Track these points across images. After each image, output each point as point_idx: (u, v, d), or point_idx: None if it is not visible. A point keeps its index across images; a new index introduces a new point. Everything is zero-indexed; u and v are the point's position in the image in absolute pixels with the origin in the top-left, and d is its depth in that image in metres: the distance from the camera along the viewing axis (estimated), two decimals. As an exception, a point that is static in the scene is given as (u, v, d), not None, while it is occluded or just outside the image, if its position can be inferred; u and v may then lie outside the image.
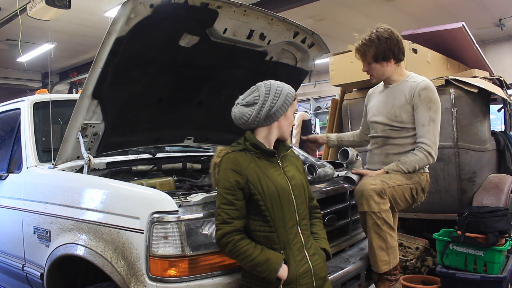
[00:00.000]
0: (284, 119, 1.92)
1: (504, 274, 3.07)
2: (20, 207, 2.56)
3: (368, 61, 2.51)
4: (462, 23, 4.24)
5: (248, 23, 2.48)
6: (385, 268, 2.31)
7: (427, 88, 2.44)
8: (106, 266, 1.92)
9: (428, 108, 2.42)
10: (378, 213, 2.27)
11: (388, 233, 2.29)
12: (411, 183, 2.44)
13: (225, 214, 1.73)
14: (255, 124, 1.88)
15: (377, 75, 2.54)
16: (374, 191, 2.27)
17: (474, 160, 3.70)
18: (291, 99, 1.91)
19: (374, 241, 2.31)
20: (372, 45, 2.45)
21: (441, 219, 3.78)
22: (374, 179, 2.36)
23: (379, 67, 2.51)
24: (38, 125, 2.79)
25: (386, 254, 2.30)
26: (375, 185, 2.29)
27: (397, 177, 2.43)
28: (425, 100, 2.42)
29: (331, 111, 4.85)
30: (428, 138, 2.42)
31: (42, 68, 12.30)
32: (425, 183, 2.53)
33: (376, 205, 2.27)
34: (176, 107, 2.82)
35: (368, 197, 2.28)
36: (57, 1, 5.42)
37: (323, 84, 12.60)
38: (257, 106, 1.86)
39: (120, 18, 2.05)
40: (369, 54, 2.47)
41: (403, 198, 2.42)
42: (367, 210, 2.29)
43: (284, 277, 1.74)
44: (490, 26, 9.42)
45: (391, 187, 2.35)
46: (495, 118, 5.30)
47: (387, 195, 2.31)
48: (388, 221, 2.30)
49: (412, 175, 2.47)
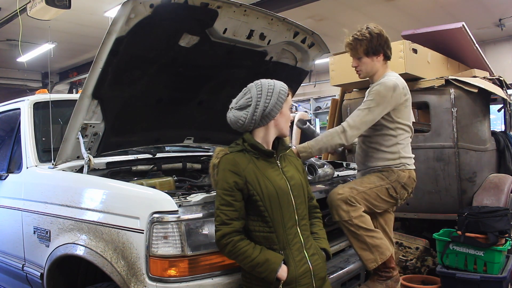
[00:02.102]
0: (281, 116, 1.91)
1: (504, 274, 3.07)
2: (20, 207, 2.56)
3: (358, 55, 2.51)
4: (462, 23, 4.24)
5: (248, 23, 2.48)
6: (373, 265, 2.32)
7: (381, 83, 2.44)
8: (106, 266, 1.93)
9: (372, 99, 2.42)
10: (349, 221, 2.29)
11: (366, 236, 2.31)
12: (386, 183, 2.43)
13: (224, 215, 1.73)
14: (251, 126, 1.88)
15: (365, 70, 2.54)
16: (341, 200, 2.29)
17: (474, 160, 3.70)
18: (285, 96, 1.90)
19: (354, 244, 2.34)
20: (364, 39, 2.46)
21: (441, 219, 3.78)
22: (342, 187, 2.37)
23: (369, 62, 2.52)
24: (38, 125, 2.79)
25: (370, 253, 2.32)
26: (342, 194, 2.31)
27: (369, 180, 2.43)
28: (374, 92, 2.43)
29: (331, 111, 4.85)
30: (352, 119, 2.40)
31: (42, 68, 12.29)
32: (407, 180, 2.48)
33: (346, 214, 2.29)
34: (176, 107, 2.82)
35: (336, 206, 2.30)
36: (57, 1, 5.42)
37: (323, 84, 12.59)
38: (251, 108, 1.85)
39: (120, 18, 2.05)
40: (360, 48, 2.48)
41: (379, 199, 2.42)
42: (338, 219, 2.31)
43: (283, 278, 1.74)
44: (490, 26, 9.41)
45: (361, 192, 2.36)
46: (495, 118, 5.31)
47: (358, 201, 2.32)
48: (363, 225, 2.31)
49: (388, 174, 2.45)
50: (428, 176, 3.73)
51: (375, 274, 2.37)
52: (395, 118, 2.46)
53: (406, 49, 3.69)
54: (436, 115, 3.71)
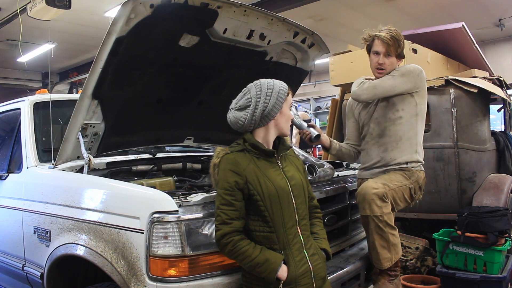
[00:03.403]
0: (281, 116, 1.90)
1: (504, 274, 3.07)
2: (20, 207, 2.56)
3: (391, 54, 2.48)
4: (462, 23, 4.24)
5: (248, 23, 2.48)
6: (387, 264, 2.35)
7: (407, 65, 2.53)
8: (106, 266, 1.93)
9: (402, 73, 2.47)
10: (380, 216, 2.29)
11: (390, 233, 2.33)
12: (409, 183, 2.46)
13: (224, 214, 1.73)
14: (251, 126, 1.87)
15: (388, 70, 2.52)
16: (377, 195, 2.29)
17: (474, 160, 3.70)
18: (284, 95, 1.89)
19: (376, 241, 2.34)
20: (400, 40, 2.47)
21: (441, 219, 3.78)
22: (376, 182, 2.37)
23: (395, 63, 2.53)
24: (38, 125, 2.79)
25: (388, 252, 2.34)
26: (377, 189, 2.31)
27: (397, 178, 2.44)
28: (402, 68, 2.51)
29: (331, 111, 4.85)
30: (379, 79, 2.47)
31: (42, 68, 12.29)
32: (422, 181, 2.56)
33: (379, 209, 2.29)
34: (176, 107, 2.82)
35: (371, 201, 2.29)
36: (57, 1, 5.42)
37: (323, 84, 12.59)
38: (251, 108, 1.85)
39: (120, 18, 2.05)
40: (396, 48, 2.47)
41: (403, 198, 2.44)
42: (369, 214, 2.31)
43: (283, 278, 1.74)
44: (489, 26, 9.41)
45: (392, 189, 2.38)
46: (495, 118, 5.31)
47: (389, 198, 2.33)
48: (390, 223, 2.33)
49: (411, 174, 2.47)
50: (428, 176, 3.69)
51: (385, 274, 2.37)
52: (418, 102, 2.50)
53: (406, 49, 3.66)
54: (436, 115, 3.71)
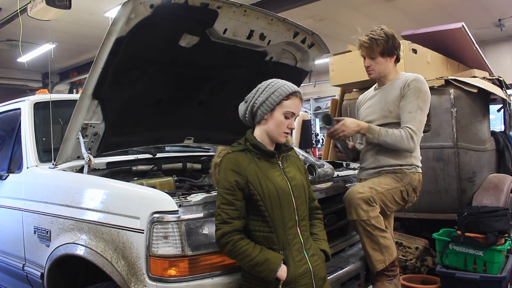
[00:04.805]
0: (271, 118, 1.84)
1: (504, 274, 3.08)
2: (21, 207, 2.57)
3: (374, 55, 2.49)
4: (462, 23, 4.25)
5: (248, 23, 2.49)
6: (381, 266, 2.34)
7: (417, 79, 2.46)
8: (106, 266, 1.93)
9: (417, 96, 2.42)
10: (367, 220, 2.28)
11: (379, 236, 2.31)
12: (401, 186, 2.44)
13: (224, 214, 1.73)
14: (245, 121, 1.89)
15: (378, 70, 2.53)
16: (362, 200, 2.28)
17: (473, 160, 3.71)
18: (278, 97, 1.81)
19: (367, 244, 2.34)
20: (381, 39, 2.45)
21: (441, 219, 3.79)
22: (362, 186, 2.37)
23: (383, 62, 2.51)
24: (39, 125, 2.79)
25: (380, 254, 2.33)
26: (363, 194, 2.30)
27: (386, 181, 2.43)
28: (414, 89, 2.43)
29: (331, 111, 4.85)
30: (413, 125, 2.40)
31: (43, 68, 12.29)
32: (417, 183, 2.51)
33: (365, 213, 2.28)
34: (176, 107, 2.82)
35: (356, 206, 2.29)
36: (57, 1, 5.43)
37: (323, 84, 12.59)
38: (248, 102, 1.87)
39: (120, 18, 2.06)
40: (377, 48, 2.46)
41: (393, 201, 2.43)
42: (356, 218, 2.30)
43: (283, 277, 1.74)
44: (489, 26, 9.41)
45: (380, 193, 2.36)
46: (495, 118, 5.31)
47: (376, 202, 2.32)
48: (379, 226, 2.31)
49: (403, 176, 2.46)
50: (428, 176, 3.73)
51: (382, 275, 2.36)
52: None
53: (406, 49, 3.70)
54: (436, 115, 3.71)
